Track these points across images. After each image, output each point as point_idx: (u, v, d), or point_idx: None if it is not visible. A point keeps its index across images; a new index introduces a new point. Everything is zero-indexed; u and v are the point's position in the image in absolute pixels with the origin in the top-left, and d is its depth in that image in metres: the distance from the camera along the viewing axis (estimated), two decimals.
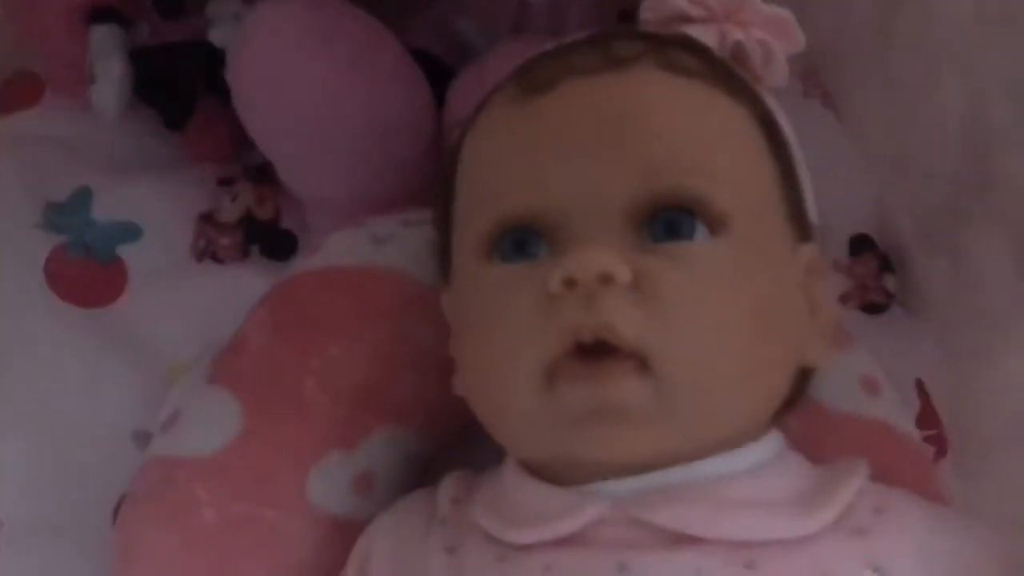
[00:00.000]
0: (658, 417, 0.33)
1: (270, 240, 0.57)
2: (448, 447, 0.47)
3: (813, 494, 0.35)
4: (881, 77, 0.62)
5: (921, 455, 0.47)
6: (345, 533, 0.41)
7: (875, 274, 0.60)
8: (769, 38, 0.39)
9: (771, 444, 0.37)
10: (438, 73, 0.56)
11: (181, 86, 0.57)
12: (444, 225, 0.41)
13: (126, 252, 0.55)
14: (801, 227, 0.39)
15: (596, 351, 0.33)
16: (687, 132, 0.36)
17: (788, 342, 0.36)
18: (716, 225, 0.35)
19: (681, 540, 0.33)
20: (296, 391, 0.43)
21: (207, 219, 0.57)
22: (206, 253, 0.56)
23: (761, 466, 0.36)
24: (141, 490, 0.42)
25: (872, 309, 0.59)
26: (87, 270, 0.54)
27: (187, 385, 0.45)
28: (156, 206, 0.57)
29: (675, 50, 0.38)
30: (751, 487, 0.34)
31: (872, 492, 0.36)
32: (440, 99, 0.56)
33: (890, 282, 0.60)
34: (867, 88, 0.64)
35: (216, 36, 0.54)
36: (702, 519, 0.33)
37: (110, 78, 0.53)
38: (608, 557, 0.33)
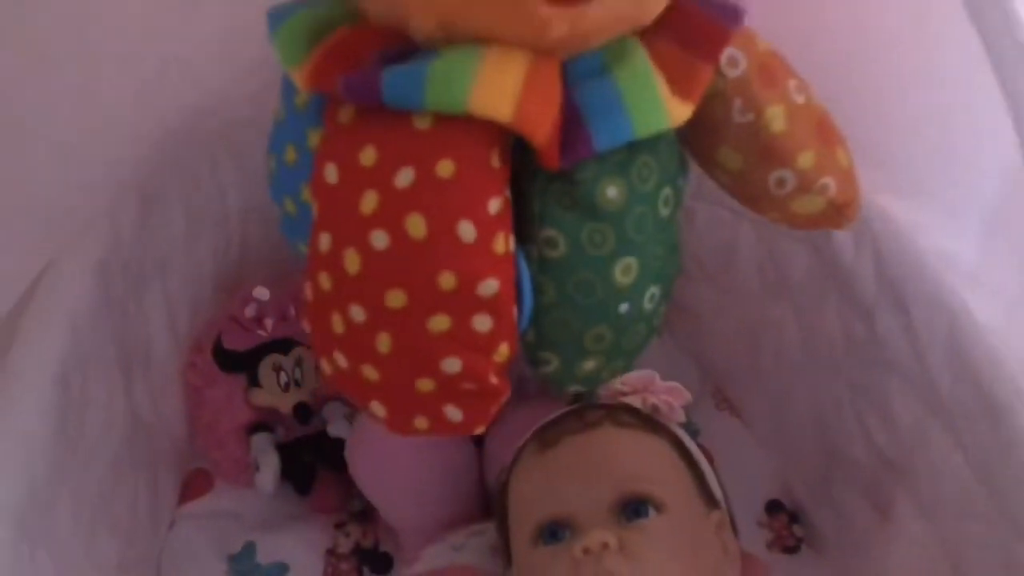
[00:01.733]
0: None
1: (374, 560, 0.83)
2: None
3: None
4: (765, 396, 0.92)
5: None
6: None
7: (786, 526, 0.86)
8: (669, 398, 0.69)
9: None
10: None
11: (307, 465, 0.85)
12: (503, 531, 0.69)
13: None
14: (710, 501, 0.67)
15: None
16: (635, 459, 0.64)
17: (710, 569, 0.63)
18: (659, 507, 0.62)
19: None
20: None
21: (331, 552, 0.82)
22: None
23: None
24: None
25: (789, 551, 0.84)
26: None
27: None
28: (297, 549, 0.82)
29: (620, 413, 0.67)
30: None
31: None
32: (477, 447, 0.84)
33: (798, 530, 0.85)
34: (757, 402, 0.93)
35: (333, 430, 0.84)
36: None
37: (269, 467, 0.81)
38: None
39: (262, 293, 0.79)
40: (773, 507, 0.87)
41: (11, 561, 0.51)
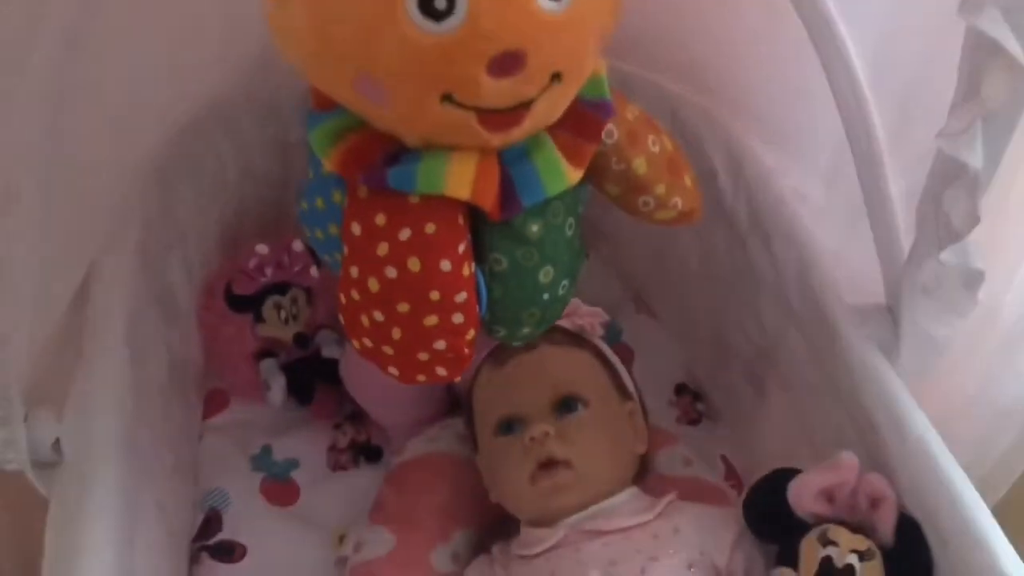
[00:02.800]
0: (577, 486, 0.80)
1: (368, 453, 1.03)
2: (489, 535, 0.92)
3: (650, 506, 0.82)
4: (674, 301, 1.13)
5: (717, 488, 0.93)
6: None
7: (690, 403, 1.06)
8: (591, 319, 0.90)
9: (630, 492, 0.83)
10: None
11: (308, 382, 1.05)
12: (470, 426, 0.90)
13: (295, 474, 0.99)
14: (624, 395, 0.88)
15: (549, 465, 0.81)
16: (566, 368, 0.85)
17: (626, 446, 0.85)
18: (586, 403, 0.83)
19: (599, 534, 0.80)
20: (415, 518, 0.88)
21: (332, 448, 1.02)
22: (336, 467, 1.01)
23: (627, 500, 0.82)
24: None
25: (692, 423, 1.04)
26: (278, 488, 0.99)
27: (359, 530, 0.90)
28: (304, 448, 1.01)
29: (554, 333, 0.87)
30: (622, 508, 0.81)
31: (676, 502, 0.84)
32: None
33: (700, 406, 1.05)
34: (668, 307, 1.12)
35: (327, 352, 1.03)
36: (604, 523, 0.80)
37: (277, 385, 1.01)
38: (571, 547, 0.79)
39: (262, 248, 0.97)
40: (680, 389, 1.07)
41: (118, 475, 0.70)
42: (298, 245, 1.00)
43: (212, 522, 0.94)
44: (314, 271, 1.01)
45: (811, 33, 0.73)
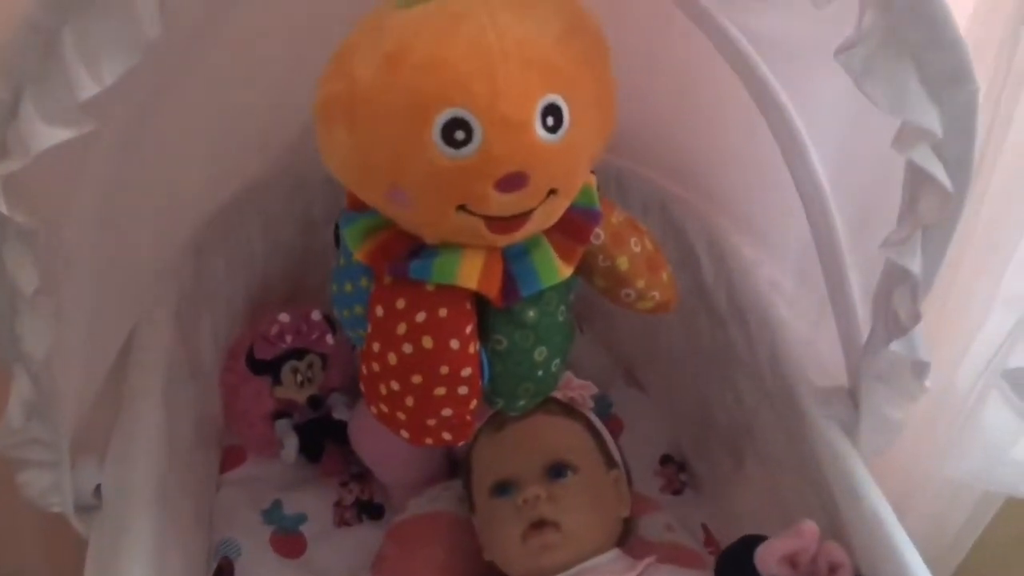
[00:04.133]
0: (565, 546, 0.87)
1: (371, 510, 1.10)
2: None
3: (630, 567, 0.90)
4: (662, 378, 1.20)
5: (695, 554, 1.00)
6: None
7: (675, 473, 1.13)
8: (582, 392, 0.98)
9: (613, 553, 0.90)
10: None
11: (318, 441, 1.12)
12: (468, 488, 0.97)
13: (303, 528, 1.06)
14: (610, 463, 0.96)
15: (539, 525, 0.88)
16: (558, 436, 0.93)
17: (610, 510, 0.92)
18: (575, 470, 0.90)
19: None
20: (414, 572, 0.95)
21: (338, 504, 1.08)
22: (341, 522, 1.08)
23: (611, 561, 0.89)
24: None
25: (676, 492, 1.10)
26: (287, 541, 1.06)
27: None
28: (312, 503, 1.08)
29: (548, 403, 0.95)
30: (606, 567, 0.88)
31: (655, 564, 0.91)
32: None
33: (683, 477, 1.11)
34: (658, 382, 1.19)
35: (337, 414, 1.11)
36: None
37: (290, 444, 1.08)
38: None
39: (284, 317, 1.06)
40: (665, 459, 1.12)
41: (151, 523, 0.78)
42: (316, 315, 1.09)
43: (224, 571, 1.00)
44: (330, 339, 1.09)
45: (782, 147, 0.83)
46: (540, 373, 0.79)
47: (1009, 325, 0.94)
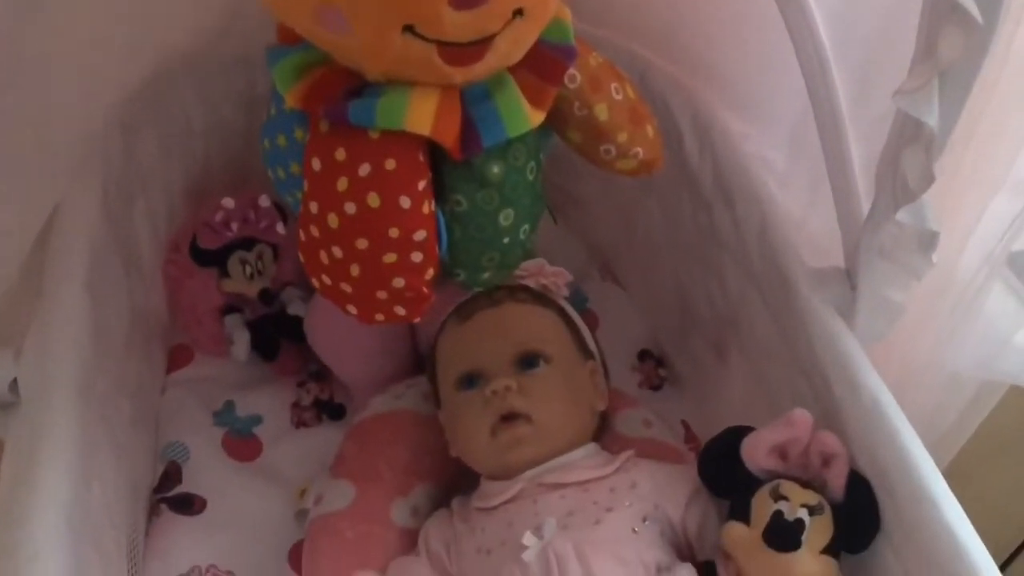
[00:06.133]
0: (537, 440, 0.81)
1: (331, 410, 1.04)
2: (449, 490, 0.93)
3: (608, 461, 0.83)
4: (639, 270, 1.14)
5: (675, 450, 0.94)
6: (411, 534, 0.86)
7: (653, 369, 1.08)
8: (556, 279, 0.90)
9: (590, 447, 0.84)
10: None
11: (272, 338, 1.05)
12: (433, 381, 0.90)
13: (258, 430, 0.99)
14: (586, 354, 0.89)
15: (509, 418, 0.82)
16: (529, 325, 0.86)
17: (586, 403, 0.86)
18: (547, 360, 0.84)
19: (556, 487, 0.80)
20: (376, 472, 0.89)
21: (295, 405, 1.02)
22: (299, 423, 1.01)
23: (586, 456, 0.83)
24: (314, 532, 0.86)
25: (655, 388, 1.06)
26: (241, 443, 0.99)
27: (320, 483, 0.91)
28: (267, 404, 1.01)
29: (519, 292, 0.88)
30: (581, 463, 0.82)
31: (633, 459, 0.85)
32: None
33: (662, 372, 1.07)
34: (634, 275, 1.13)
35: (291, 309, 1.03)
36: (563, 476, 0.81)
37: (241, 341, 1.01)
38: (529, 499, 0.80)
39: (228, 202, 0.97)
40: (643, 355, 1.09)
41: (74, 420, 0.70)
42: (265, 201, 1.00)
43: (171, 475, 0.94)
44: (280, 228, 1.00)
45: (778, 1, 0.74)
46: (506, 240, 0.70)
47: (1016, 210, 0.86)
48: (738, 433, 0.78)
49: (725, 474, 0.78)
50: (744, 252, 0.90)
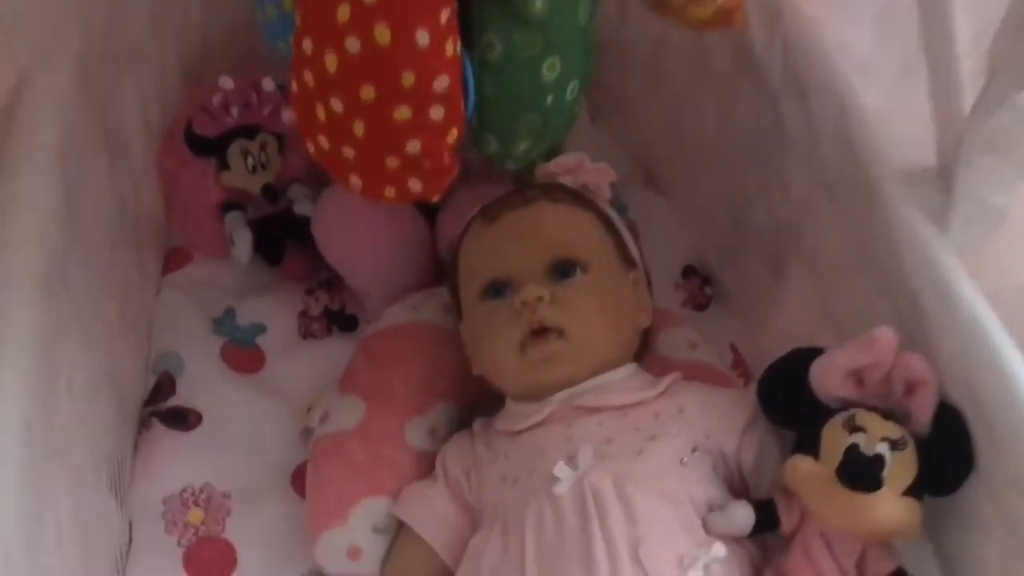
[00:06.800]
0: (571, 358, 0.71)
1: (343, 321, 0.94)
2: (471, 411, 0.83)
3: (651, 384, 0.73)
4: (687, 177, 1.02)
5: (722, 375, 0.85)
6: (428, 458, 0.77)
7: (699, 287, 0.98)
8: (597, 178, 0.79)
9: (630, 368, 0.75)
10: (425, 210, 0.94)
11: (277, 240, 0.95)
12: (455, 291, 0.80)
13: (261, 340, 0.91)
14: (628, 263, 0.78)
15: (540, 333, 0.71)
16: (564, 229, 0.75)
17: (626, 317, 0.75)
18: (585, 268, 0.73)
19: (592, 410, 0.71)
20: (390, 389, 0.79)
21: (303, 315, 0.93)
22: (307, 334, 0.92)
23: (626, 377, 0.74)
24: (318, 452, 0.78)
25: (700, 308, 0.97)
26: (242, 354, 0.90)
27: (327, 399, 0.82)
28: (272, 311, 0.92)
29: (554, 191, 0.77)
30: (621, 384, 0.73)
31: (680, 381, 0.75)
32: (430, 224, 0.94)
33: (708, 290, 0.98)
34: (680, 183, 1.03)
35: (298, 208, 0.93)
36: (600, 399, 0.71)
37: (243, 241, 0.91)
38: (561, 424, 0.70)
39: (226, 82, 0.86)
40: (688, 271, 0.99)
41: (37, 314, 0.61)
42: (269, 84, 0.89)
43: (164, 386, 0.86)
44: (286, 115, 0.89)
45: None
46: (550, 100, 0.57)
47: None
48: (806, 355, 0.68)
49: (789, 401, 0.68)
50: (816, 152, 0.78)
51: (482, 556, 0.68)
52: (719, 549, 0.63)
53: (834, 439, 0.63)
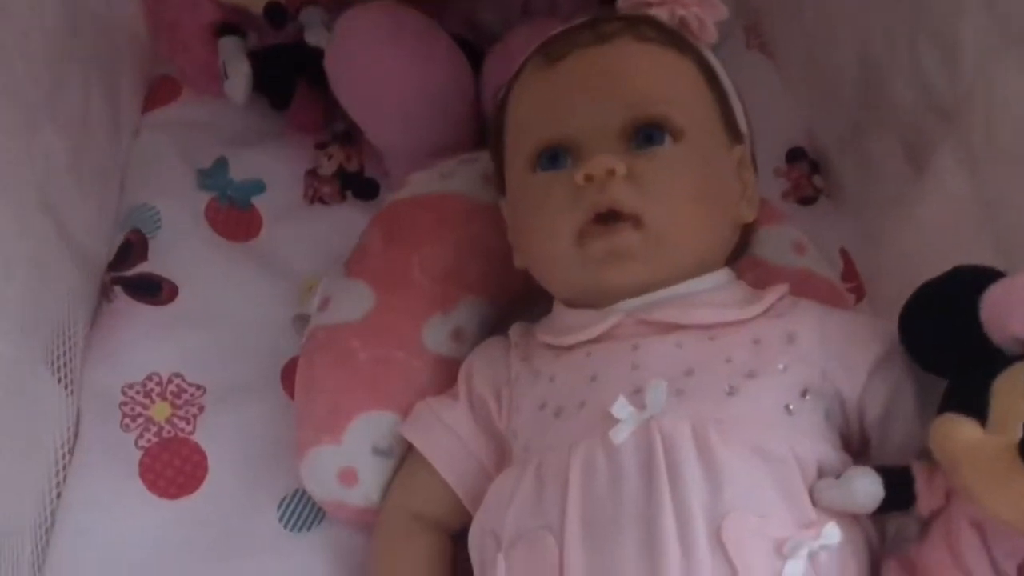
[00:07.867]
0: (647, 255, 0.53)
1: (359, 186, 0.78)
2: (507, 312, 0.67)
3: (750, 299, 0.56)
4: (803, 32, 0.83)
5: (835, 290, 0.68)
6: (448, 366, 0.62)
7: (806, 175, 0.81)
8: (701, 12, 0.59)
9: (723, 275, 0.57)
10: (471, 52, 0.76)
11: (283, 77, 0.77)
12: (498, 155, 0.62)
13: (258, 201, 0.77)
14: (734, 134, 0.59)
15: (608, 219, 0.53)
16: (652, 78, 0.56)
17: (725, 206, 0.57)
18: (676, 135, 0.55)
19: (669, 328, 0.53)
20: (406, 276, 0.63)
21: (311, 173, 0.79)
22: (315, 198, 0.78)
23: (717, 287, 0.56)
24: (312, 347, 0.62)
25: (806, 201, 0.80)
26: (233, 216, 0.75)
27: (329, 282, 0.66)
28: (274, 167, 0.78)
29: (642, 26, 0.58)
30: (710, 296, 0.55)
31: (790, 298, 0.57)
32: (474, 71, 0.76)
33: (818, 181, 0.81)
34: (794, 40, 0.84)
35: (310, 37, 0.76)
36: (681, 313, 0.53)
37: (239, 74, 0.74)
38: (626, 343, 0.53)
39: None
40: (794, 155, 0.82)
41: None
42: None
43: (133, 247, 0.73)
44: None
45: None
46: None
47: None
48: (975, 277, 0.50)
49: (946, 338, 0.50)
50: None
51: (508, 502, 0.52)
52: (831, 532, 0.47)
53: (1014, 399, 0.45)
